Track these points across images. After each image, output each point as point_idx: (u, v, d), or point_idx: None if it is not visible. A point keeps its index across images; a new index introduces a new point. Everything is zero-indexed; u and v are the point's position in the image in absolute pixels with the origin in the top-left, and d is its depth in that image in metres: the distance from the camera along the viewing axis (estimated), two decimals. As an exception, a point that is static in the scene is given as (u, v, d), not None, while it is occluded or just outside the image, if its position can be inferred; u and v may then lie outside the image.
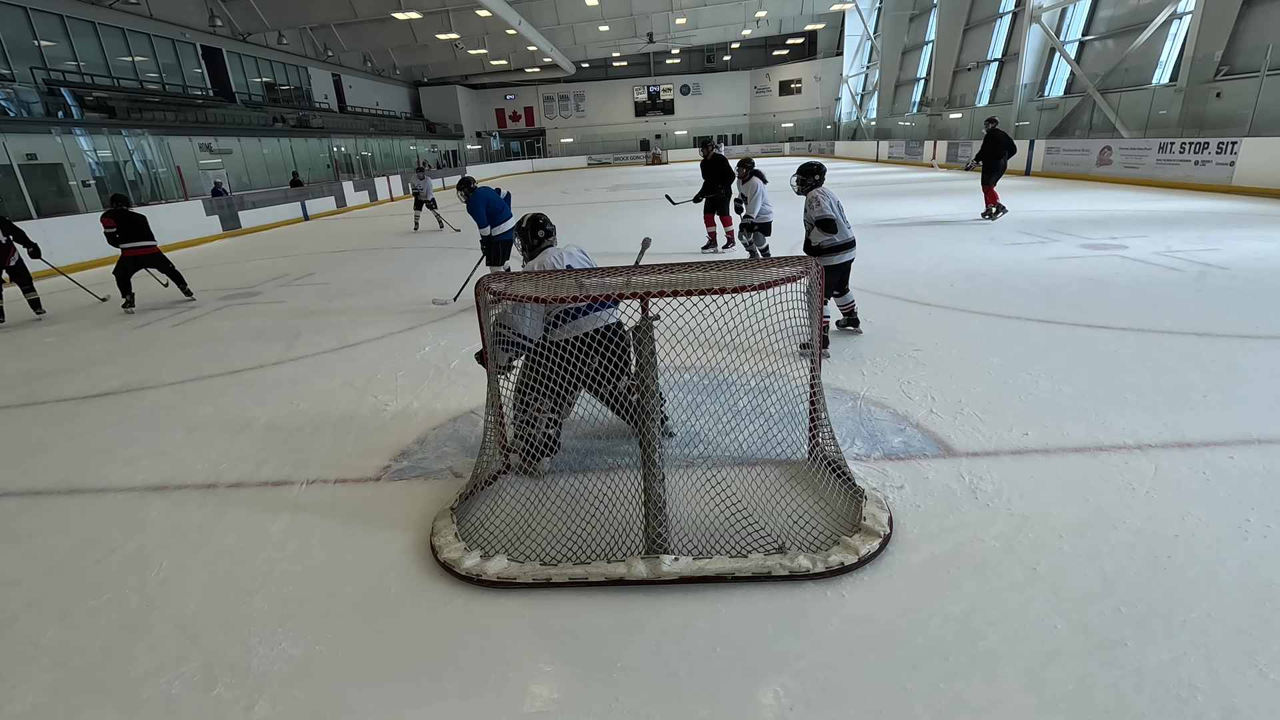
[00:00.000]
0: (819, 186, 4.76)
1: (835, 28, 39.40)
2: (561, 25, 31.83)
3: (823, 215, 4.58)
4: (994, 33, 24.17)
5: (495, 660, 2.07)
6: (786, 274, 2.47)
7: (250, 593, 2.46)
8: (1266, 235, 7.97)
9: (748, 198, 7.57)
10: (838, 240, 4.63)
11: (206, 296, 8.33)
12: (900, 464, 3.11)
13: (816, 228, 4.63)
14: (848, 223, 4.71)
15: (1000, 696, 1.83)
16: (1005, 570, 2.32)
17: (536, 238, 3.38)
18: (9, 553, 2.84)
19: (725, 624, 2.16)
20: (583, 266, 3.31)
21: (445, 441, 3.65)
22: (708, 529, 2.61)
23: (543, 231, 3.39)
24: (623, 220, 10.90)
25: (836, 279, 4.75)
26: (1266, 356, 4.16)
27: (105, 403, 4.66)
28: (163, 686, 2.04)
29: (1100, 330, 4.81)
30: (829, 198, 4.65)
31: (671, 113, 47.28)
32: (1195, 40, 14.57)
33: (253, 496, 3.20)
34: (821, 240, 4.64)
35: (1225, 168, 12.30)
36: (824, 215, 4.57)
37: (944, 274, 6.81)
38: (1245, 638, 1.96)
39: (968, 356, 4.46)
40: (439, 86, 42.64)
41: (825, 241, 4.63)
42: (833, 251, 4.65)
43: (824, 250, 4.64)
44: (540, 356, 2.99)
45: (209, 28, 22.75)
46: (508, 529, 2.70)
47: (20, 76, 16.40)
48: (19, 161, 13.91)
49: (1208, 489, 2.74)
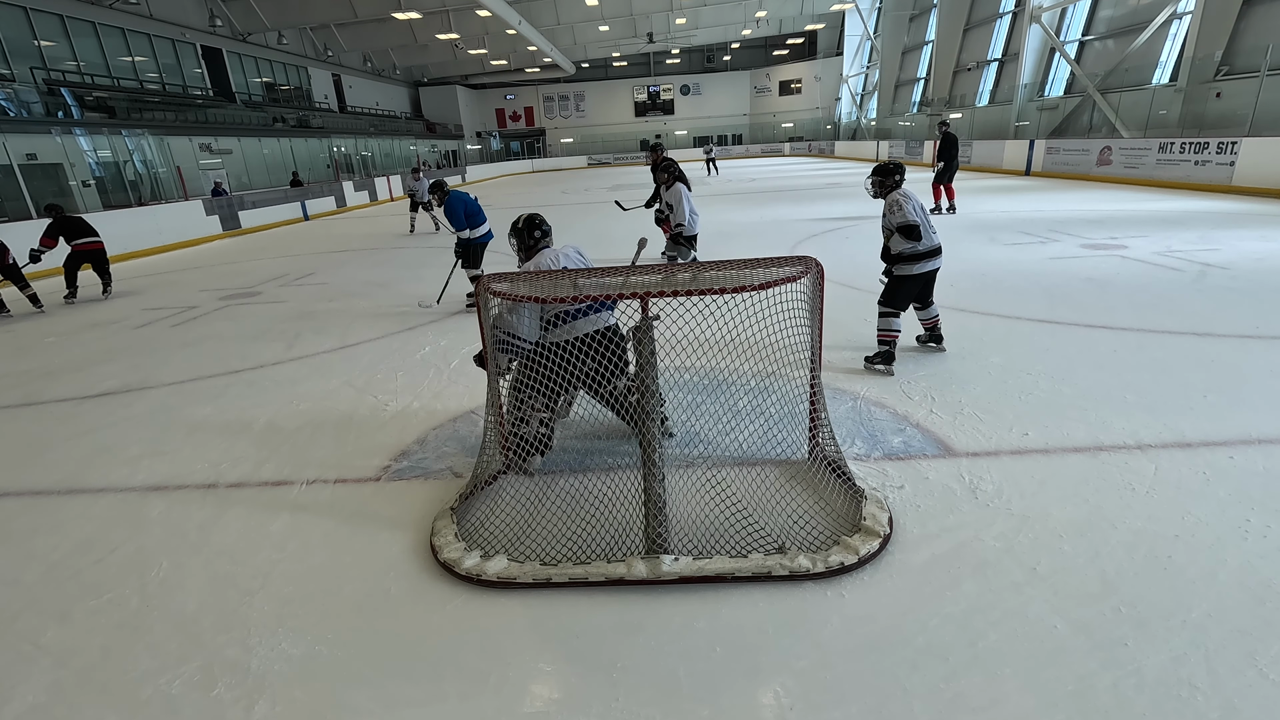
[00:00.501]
0: (899, 188, 4.29)
1: (835, 28, 39.41)
2: (561, 25, 31.84)
3: (905, 220, 4.10)
4: (994, 33, 24.16)
5: (495, 660, 2.07)
6: (786, 274, 2.47)
7: (250, 593, 2.46)
8: (1266, 235, 7.97)
9: (674, 206, 6.85)
10: (920, 248, 4.16)
11: (206, 297, 8.33)
12: (900, 464, 3.11)
13: (897, 234, 4.16)
14: (932, 227, 4.22)
15: (1000, 696, 1.83)
16: (1005, 570, 2.32)
17: (533, 237, 3.37)
18: (9, 553, 2.84)
19: (725, 624, 2.16)
20: (579, 268, 3.30)
21: (445, 441, 3.65)
22: (708, 529, 2.61)
23: (539, 232, 3.38)
24: (622, 220, 10.89)
25: (916, 289, 4.31)
26: (1266, 356, 4.16)
27: (105, 403, 4.66)
28: (163, 686, 2.04)
29: (1100, 330, 4.81)
30: (912, 200, 4.18)
31: (671, 113, 47.28)
32: (1195, 40, 14.57)
33: (253, 496, 3.20)
34: (903, 248, 4.18)
35: (1225, 168, 12.30)
36: (907, 220, 4.09)
37: (944, 274, 6.74)
38: (1245, 638, 1.96)
39: (968, 356, 4.46)
40: (439, 86, 42.65)
41: (907, 249, 4.18)
42: (914, 260, 4.20)
43: (904, 259, 4.21)
44: (536, 357, 2.99)
45: (209, 28, 22.76)
46: (508, 529, 2.70)
47: (20, 76, 16.41)
48: (19, 161, 13.91)
49: (1208, 489, 2.74)
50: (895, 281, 4.28)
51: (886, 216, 4.24)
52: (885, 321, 4.29)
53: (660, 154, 8.56)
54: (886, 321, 4.28)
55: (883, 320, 4.29)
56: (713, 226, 11.75)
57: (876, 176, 4.39)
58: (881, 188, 4.36)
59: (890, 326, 4.27)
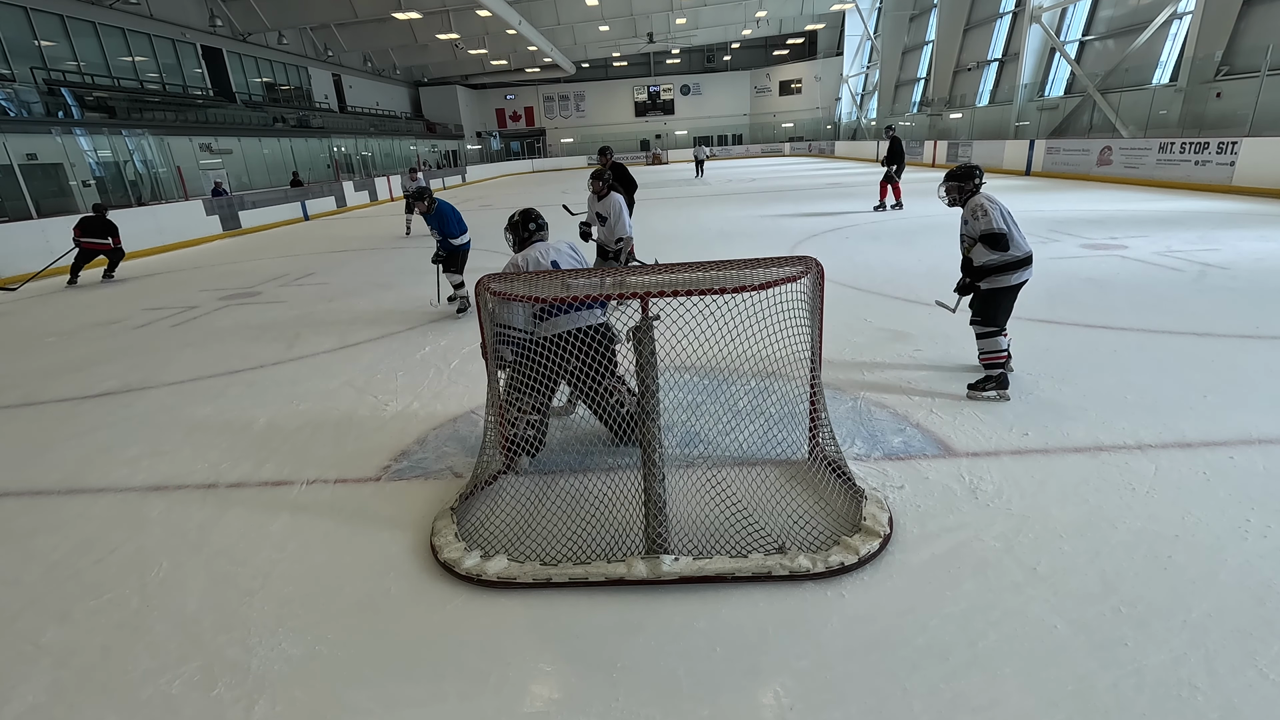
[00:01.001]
0: (978, 192, 3.80)
1: (835, 28, 39.42)
2: (561, 25, 31.84)
3: (991, 229, 3.58)
4: (994, 33, 24.17)
5: (495, 660, 2.07)
6: (786, 274, 2.47)
7: (250, 593, 2.46)
8: (1266, 235, 7.97)
9: (607, 219, 5.95)
10: (1009, 257, 3.65)
11: (207, 297, 8.33)
12: (900, 464, 3.11)
13: (980, 244, 3.66)
14: (1022, 233, 3.72)
15: (1000, 696, 1.83)
16: (1005, 570, 2.32)
17: (528, 230, 3.43)
18: (9, 553, 2.84)
19: (725, 624, 2.16)
20: (570, 263, 3.31)
21: (445, 441, 3.65)
22: (708, 529, 2.61)
23: (534, 224, 3.45)
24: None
25: (1012, 302, 3.78)
26: (1266, 356, 4.16)
27: (105, 403, 4.66)
28: (163, 686, 2.05)
29: (1101, 330, 4.81)
30: (997, 205, 3.67)
31: (671, 113, 47.28)
32: (1195, 40, 14.57)
33: (253, 496, 3.20)
34: (989, 259, 3.66)
35: (1225, 168, 12.30)
36: (992, 229, 3.57)
37: (944, 274, 6.79)
38: (1245, 638, 1.96)
39: (968, 356, 4.46)
40: (439, 86, 42.65)
41: (993, 260, 3.66)
42: (1006, 270, 3.68)
43: (995, 270, 3.69)
44: (522, 355, 3.03)
45: (209, 28, 22.76)
46: (508, 529, 2.70)
47: (20, 76, 16.40)
48: (19, 161, 13.90)
49: (1208, 489, 2.74)
50: (989, 297, 3.77)
51: (968, 224, 3.74)
52: (989, 342, 3.80)
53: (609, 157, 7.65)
54: (991, 342, 3.79)
55: (985, 341, 3.81)
56: (713, 226, 11.76)
57: (952, 182, 3.86)
58: (960, 194, 3.85)
59: (996, 347, 3.78)
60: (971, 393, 3.81)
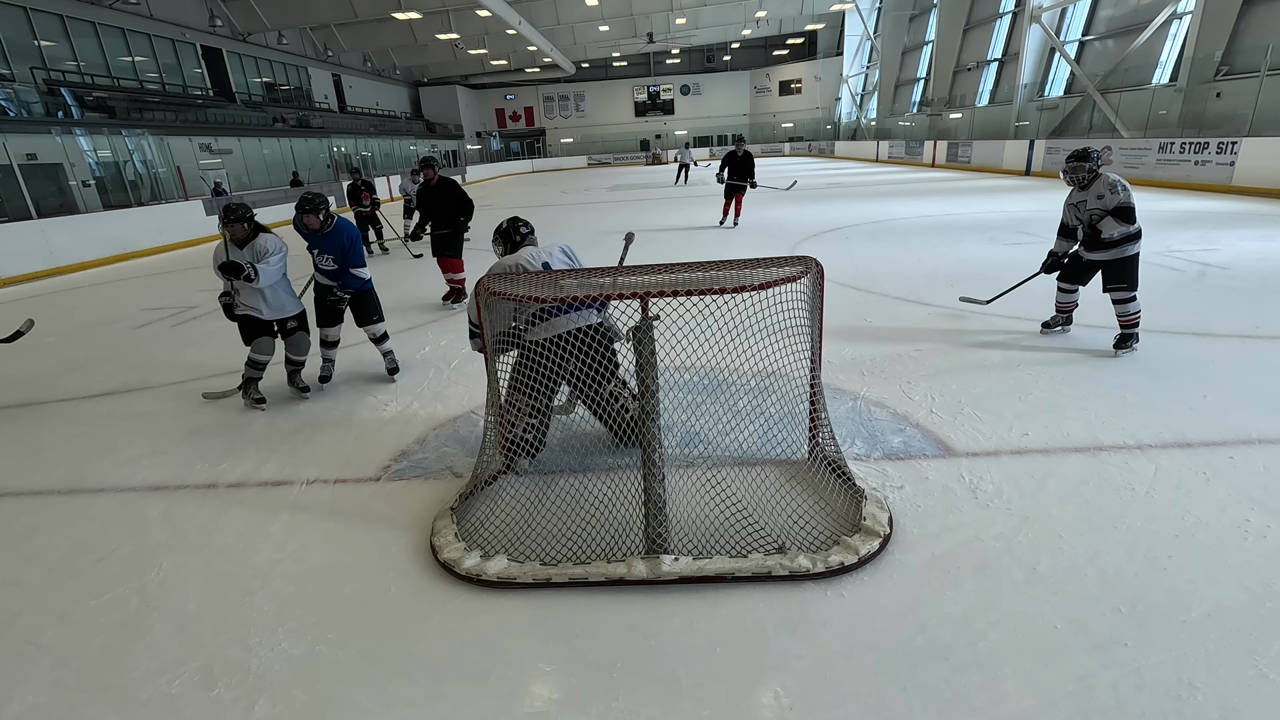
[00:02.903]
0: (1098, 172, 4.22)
1: (835, 28, 39.39)
2: (561, 25, 31.83)
3: (1130, 202, 4.04)
4: (994, 33, 24.17)
5: (495, 660, 2.07)
6: (786, 274, 2.47)
7: (250, 593, 2.46)
8: (1266, 235, 7.97)
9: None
10: (1132, 229, 4.12)
11: (206, 297, 8.32)
12: (900, 464, 3.11)
13: (1112, 216, 4.08)
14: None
15: (1000, 696, 1.83)
16: (1005, 570, 2.32)
17: (520, 235, 3.44)
18: (9, 553, 2.84)
19: (725, 624, 2.16)
20: (563, 265, 3.31)
21: (445, 441, 3.65)
22: (708, 529, 2.61)
23: (526, 228, 3.47)
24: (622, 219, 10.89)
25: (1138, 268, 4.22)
26: (1266, 356, 4.16)
27: (105, 403, 4.66)
28: (163, 686, 2.05)
29: (1101, 330, 4.81)
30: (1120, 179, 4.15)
31: (671, 113, 47.25)
32: (1195, 40, 14.57)
33: (253, 496, 3.20)
34: (1118, 230, 4.10)
35: (1225, 168, 12.30)
36: (1130, 202, 4.04)
37: (944, 274, 6.81)
38: (1245, 638, 1.97)
39: (967, 356, 4.46)
40: (439, 86, 42.62)
41: (1121, 232, 4.10)
42: (1133, 240, 4.15)
43: (1131, 238, 4.13)
44: (521, 357, 3.02)
45: (209, 28, 22.74)
46: (508, 529, 2.70)
47: (20, 76, 16.39)
48: (19, 161, 13.89)
49: (1208, 489, 2.74)
50: (1126, 264, 4.20)
51: (1102, 198, 4.12)
52: (1130, 305, 4.24)
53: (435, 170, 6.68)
54: (1132, 304, 4.24)
55: (1127, 305, 4.24)
56: (713, 226, 11.75)
57: (1078, 162, 4.22)
58: (1089, 174, 4.22)
59: (1136, 308, 4.24)
60: (1117, 350, 4.30)
